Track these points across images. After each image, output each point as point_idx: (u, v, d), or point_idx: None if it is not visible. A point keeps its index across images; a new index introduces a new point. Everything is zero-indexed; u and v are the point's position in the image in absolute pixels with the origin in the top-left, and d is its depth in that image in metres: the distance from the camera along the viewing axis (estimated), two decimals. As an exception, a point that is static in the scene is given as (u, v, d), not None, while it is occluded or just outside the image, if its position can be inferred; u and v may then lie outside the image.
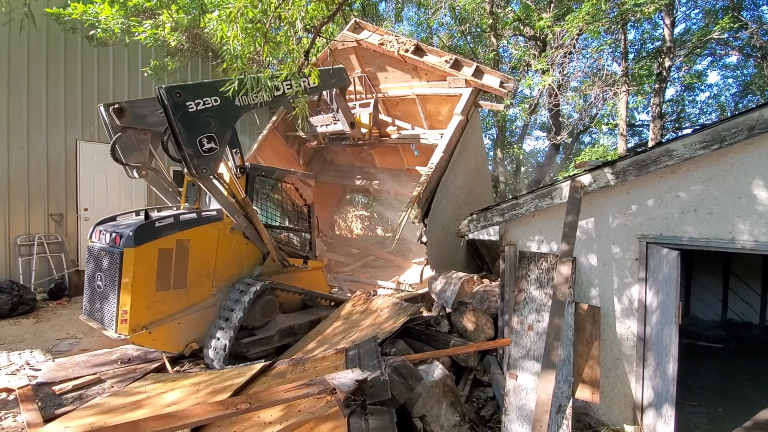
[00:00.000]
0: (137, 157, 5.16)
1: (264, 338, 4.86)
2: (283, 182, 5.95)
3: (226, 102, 4.55)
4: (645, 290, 3.69)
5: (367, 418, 2.64)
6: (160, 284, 4.38)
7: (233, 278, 5.06)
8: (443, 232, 6.37)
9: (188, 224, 4.65)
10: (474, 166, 7.72)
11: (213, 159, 4.42)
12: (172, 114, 4.16)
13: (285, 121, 9.10)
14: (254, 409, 2.62)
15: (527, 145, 21.32)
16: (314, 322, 5.41)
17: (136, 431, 2.24)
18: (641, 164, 3.57)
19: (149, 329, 4.30)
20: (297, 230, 6.10)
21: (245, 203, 4.93)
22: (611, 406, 3.87)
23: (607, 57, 11.08)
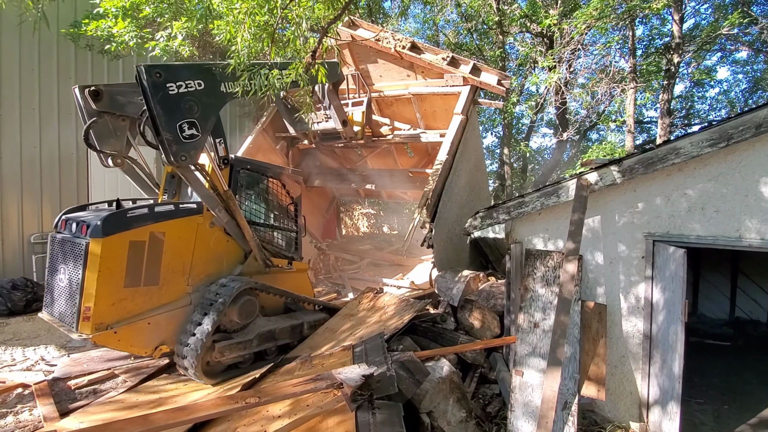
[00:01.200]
0: (113, 145, 4.84)
1: (241, 342, 4.51)
2: (269, 178, 5.61)
3: (211, 87, 4.30)
4: (651, 288, 3.70)
5: (375, 412, 2.69)
6: (129, 280, 4.01)
7: (211, 277, 4.70)
8: (449, 233, 6.38)
9: (164, 216, 4.30)
10: (474, 164, 7.70)
11: (194, 147, 4.13)
12: (150, 95, 3.89)
13: (273, 123, 8.89)
14: (263, 403, 2.68)
15: (534, 143, 21.23)
16: (296, 327, 5.14)
17: (147, 424, 2.31)
18: (648, 162, 3.57)
19: (114, 328, 3.91)
20: (282, 229, 5.78)
21: (227, 197, 4.64)
22: (617, 404, 3.88)
23: (614, 53, 11.00)
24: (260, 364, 4.61)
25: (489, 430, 3.70)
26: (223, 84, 4.40)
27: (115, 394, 4.16)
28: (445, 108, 8.25)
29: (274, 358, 4.79)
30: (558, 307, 3.66)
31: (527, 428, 3.50)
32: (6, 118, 7.54)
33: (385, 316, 4.90)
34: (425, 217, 5.79)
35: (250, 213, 5.33)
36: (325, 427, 2.67)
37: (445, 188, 6.20)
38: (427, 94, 8.07)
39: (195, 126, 4.14)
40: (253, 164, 5.47)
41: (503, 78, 7.21)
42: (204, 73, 4.27)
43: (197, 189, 4.37)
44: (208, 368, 4.31)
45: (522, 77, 13.84)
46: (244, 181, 5.26)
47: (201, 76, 4.22)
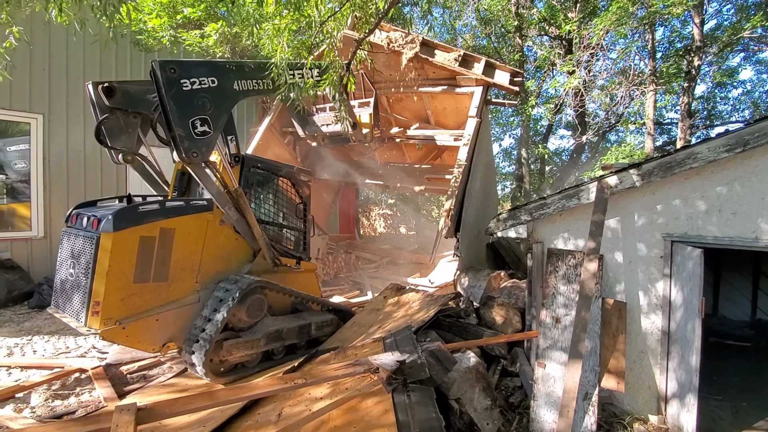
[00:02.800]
0: (124, 142, 4.87)
1: (249, 341, 4.49)
2: (279, 176, 5.60)
3: (224, 84, 4.32)
4: (670, 287, 3.87)
5: (410, 394, 2.94)
6: (138, 275, 3.99)
7: (220, 274, 4.67)
8: (469, 236, 6.46)
9: (174, 212, 4.29)
10: (486, 163, 7.68)
11: (205, 143, 4.13)
12: (164, 90, 3.88)
13: (280, 119, 8.92)
14: (309, 384, 2.96)
15: (552, 144, 21.20)
16: (304, 328, 5.11)
17: (212, 399, 2.61)
18: (666, 166, 3.75)
19: (123, 324, 3.90)
20: (291, 228, 5.76)
21: (238, 194, 4.63)
22: (636, 397, 4.05)
23: (634, 56, 11.03)
24: (267, 364, 4.71)
25: (512, 419, 3.92)
26: (236, 82, 4.44)
27: (164, 379, 4.51)
28: (455, 106, 8.23)
29: (281, 358, 4.86)
30: (579, 303, 3.86)
31: (549, 417, 3.71)
32: (54, 123, 8.07)
33: (411, 311, 5.15)
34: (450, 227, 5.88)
35: (260, 211, 5.34)
36: (364, 406, 2.93)
37: (466, 195, 6.29)
38: (437, 93, 7.98)
39: (207, 123, 4.13)
40: (263, 162, 5.45)
41: (515, 74, 7.06)
42: (218, 70, 4.29)
43: (208, 186, 4.36)
44: (216, 366, 4.33)
45: (540, 80, 13.93)
46: (254, 179, 5.24)
47: (215, 73, 4.23)
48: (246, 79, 4.54)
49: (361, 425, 2.72)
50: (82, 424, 2.24)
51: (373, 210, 19.32)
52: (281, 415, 3.08)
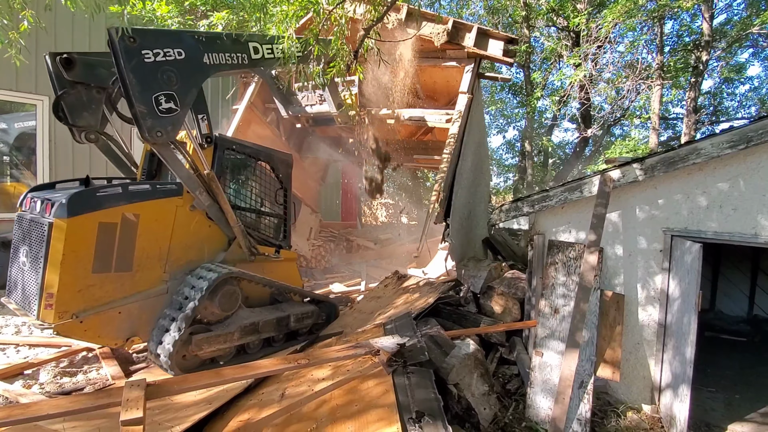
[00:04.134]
0: (87, 119, 4.50)
1: (222, 335, 4.22)
2: (256, 159, 5.25)
3: (193, 57, 3.97)
4: (668, 280, 3.93)
5: (409, 376, 3.03)
6: (98, 265, 3.71)
7: (191, 263, 4.40)
8: (460, 219, 6.16)
9: (139, 196, 3.99)
10: (478, 140, 7.26)
11: (171, 122, 3.80)
12: (123, 62, 3.53)
13: (261, 95, 8.36)
14: (312, 364, 3.05)
15: (556, 137, 21.14)
16: (282, 320, 4.85)
17: (218, 377, 2.69)
18: (669, 161, 3.78)
19: (80, 317, 3.63)
20: (270, 215, 5.42)
21: (209, 178, 4.33)
22: (630, 387, 4.14)
23: (641, 50, 10.95)
24: (242, 359, 4.50)
25: (509, 405, 4.02)
26: (207, 55, 4.10)
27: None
28: (446, 79, 7.76)
29: (257, 352, 4.66)
30: (578, 294, 3.93)
31: (545, 404, 3.80)
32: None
33: (412, 298, 5.24)
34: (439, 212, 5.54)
35: (235, 197, 5.02)
36: (365, 387, 3.02)
37: (456, 177, 5.89)
38: (426, 66, 7.39)
39: (173, 99, 3.79)
40: (239, 145, 5.10)
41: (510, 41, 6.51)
42: (186, 41, 3.92)
43: (176, 169, 4.07)
44: (185, 362, 4.05)
45: (546, 72, 13.85)
46: (228, 163, 4.91)
47: (182, 44, 3.89)
48: (218, 52, 4.20)
49: (362, 405, 2.80)
50: (94, 398, 2.32)
51: (375, 199, 19.39)
52: (284, 395, 3.17)
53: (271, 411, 2.95)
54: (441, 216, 5.47)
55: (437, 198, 5.55)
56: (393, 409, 2.67)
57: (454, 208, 5.68)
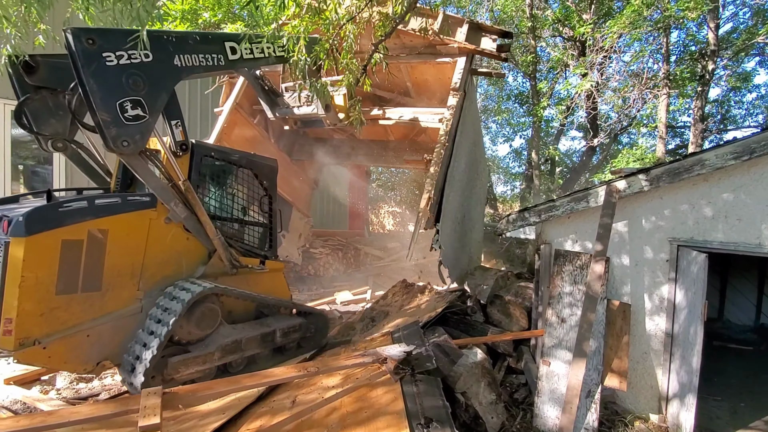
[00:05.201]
0: (54, 126, 4.20)
1: (200, 356, 3.92)
2: (237, 166, 4.92)
3: (162, 60, 3.69)
4: (675, 290, 3.95)
5: (417, 384, 3.08)
6: (62, 285, 3.45)
7: (168, 279, 4.12)
8: (452, 224, 5.78)
9: (107, 210, 3.71)
10: (472, 140, 6.90)
11: (140, 130, 3.54)
12: (81, 66, 3.25)
13: (248, 96, 7.82)
14: (322, 372, 3.11)
15: (563, 146, 21.17)
16: (268, 336, 4.56)
17: (233, 385, 2.77)
18: (675, 172, 3.83)
19: (43, 343, 3.34)
20: (253, 224, 5.12)
21: (185, 188, 4.06)
22: (638, 397, 4.15)
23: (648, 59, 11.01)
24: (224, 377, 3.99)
25: (516, 414, 4.04)
26: (178, 57, 3.81)
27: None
28: (438, 76, 7.30)
29: (241, 371, 4.38)
30: (585, 304, 3.97)
31: (552, 413, 3.83)
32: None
33: (420, 307, 5.29)
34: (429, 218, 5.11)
35: (215, 206, 4.73)
36: (374, 395, 3.08)
37: (447, 179, 5.50)
38: (417, 63, 6.91)
39: (141, 105, 3.53)
40: (218, 151, 4.77)
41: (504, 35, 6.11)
42: (153, 43, 3.59)
43: (147, 180, 3.81)
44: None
45: (552, 81, 13.94)
46: (207, 171, 4.60)
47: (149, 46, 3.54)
48: (191, 54, 3.89)
49: (371, 412, 2.86)
50: (113, 406, 2.41)
51: (382, 207, 19.50)
52: (295, 402, 3.23)
53: (282, 418, 3.01)
54: (431, 221, 5.09)
55: (427, 202, 5.12)
56: (402, 416, 2.73)
57: (445, 213, 5.32)
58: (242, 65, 4.58)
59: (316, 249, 10.68)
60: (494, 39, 6.14)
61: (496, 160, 23.80)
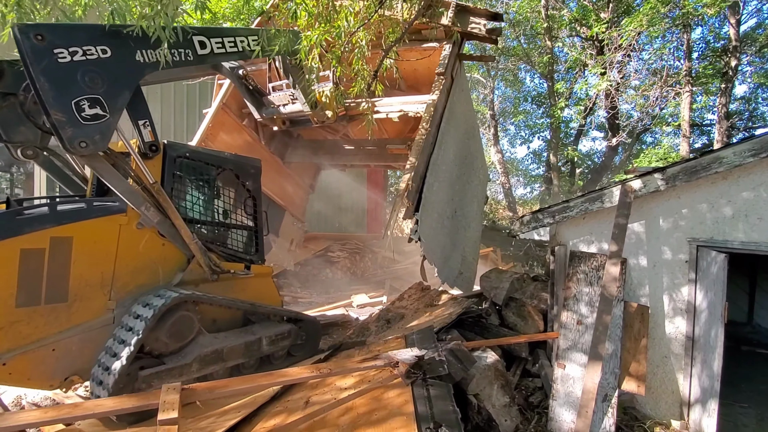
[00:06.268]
0: (24, 134, 4.01)
1: (176, 368, 3.67)
2: (217, 167, 4.66)
3: (121, 55, 3.49)
4: (695, 291, 3.85)
5: (428, 388, 3.10)
6: (23, 297, 3.27)
7: (143, 288, 3.91)
8: (439, 217, 5.44)
9: (71, 216, 3.55)
10: (464, 131, 6.56)
11: (99, 130, 3.36)
12: (29, 63, 3.09)
13: (236, 96, 7.42)
14: (335, 373, 3.17)
15: (584, 146, 20.79)
16: (252, 344, 4.30)
17: (248, 383, 2.86)
18: (692, 170, 3.75)
19: (3, 359, 3.19)
20: (237, 227, 4.87)
21: (157, 191, 3.86)
22: (658, 402, 4.05)
23: (668, 56, 10.72)
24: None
25: (531, 418, 4.00)
26: (140, 52, 3.60)
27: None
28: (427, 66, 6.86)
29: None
30: (600, 306, 3.90)
31: (568, 416, 3.77)
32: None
33: (435, 311, 5.29)
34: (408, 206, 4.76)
35: (192, 210, 4.46)
36: (386, 397, 3.11)
37: (430, 167, 5.11)
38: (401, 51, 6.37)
39: (100, 103, 3.35)
40: (193, 152, 4.51)
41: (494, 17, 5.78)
42: (111, 37, 3.42)
43: (112, 183, 3.61)
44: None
45: (570, 81, 13.75)
46: (182, 172, 4.37)
47: (106, 41, 3.40)
48: (155, 49, 3.68)
49: (382, 413, 2.89)
50: (135, 400, 2.53)
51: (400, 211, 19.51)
52: (309, 402, 3.29)
53: (296, 417, 3.08)
54: (410, 210, 4.72)
55: (405, 189, 4.75)
56: (411, 419, 2.75)
57: (427, 202, 4.91)
58: (213, 60, 4.41)
59: (333, 252, 10.79)
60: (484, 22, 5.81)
61: (515, 163, 23.57)
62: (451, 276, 5.58)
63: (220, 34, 4.22)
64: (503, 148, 20.80)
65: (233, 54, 4.42)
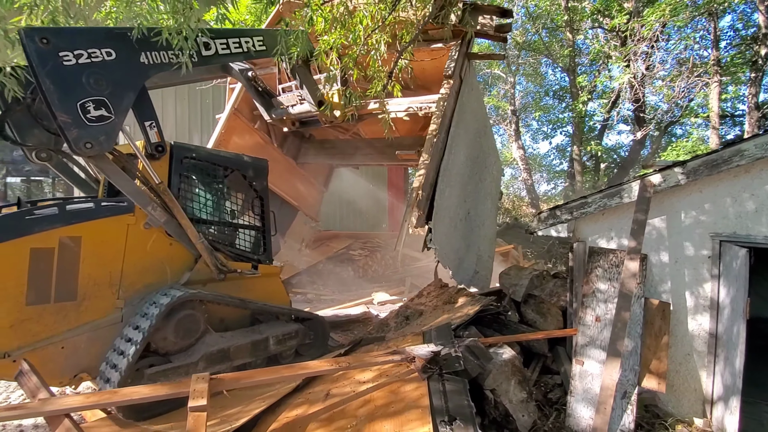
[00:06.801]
0: (38, 137, 4.10)
1: (182, 366, 3.74)
2: (224, 167, 4.71)
3: (126, 57, 3.56)
4: (718, 288, 3.79)
5: (444, 383, 3.18)
6: (33, 296, 3.36)
7: (150, 287, 3.97)
8: (452, 220, 5.38)
9: (80, 216, 3.62)
10: (475, 130, 6.47)
11: (104, 131, 3.44)
12: (35, 66, 3.16)
13: (247, 100, 7.50)
14: (353, 367, 3.29)
15: (609, 140, 20.27)
16: (259, 343, 4.36)
17: (273, 374, 3.02)
18: (713, 164, 3.69)
19: (13, 356, 3.24)
20: (244, 227, 4.91)
21: (163, 191, 3.94)
22: (681, 400, 4.00)
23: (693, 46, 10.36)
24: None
25: (549, 414, 4.02)
26: (144, 54, 3.67)
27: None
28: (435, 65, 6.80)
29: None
30: (618, 302, 3.88)
31: (586, 413, 3.78)
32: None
33: (453, 308, 5.35)
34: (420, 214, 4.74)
35: (200, 209, 4.52)
36: (403, 391, 3.21)
37: (441, 173, 5.07)
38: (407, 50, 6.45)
39: (105, 105, 3.42)
40: (200, 152, 4.57)
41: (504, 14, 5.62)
42: (115, 39, 3.50)
43: (119, 183, 3.69)
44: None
45: (593, 74, 13.46)
46: (189, 172, 4.43)
47: (111, 43, 3.47)
48: (159, 50, 3.73)
49: (399, 406, 2.99)
50: (167, 388, 2.71)
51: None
52: (329, 395, 3.43)
53: (316, 408, 3.22)
54: (422, 219, 4.71)
55: (416, 199, 4.73)
56: (426, 412, 2.84)
57: (439, 209, 4.92)
58: (218, 61, 4.44)
59: (354, 251, 10.95)
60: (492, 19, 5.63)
61: (538, 159, 23.20)
62: (466, 277, 5.58)
63: (225, 35, 4.27)
64: (525, 143, 20.54)
65: (238, 55, 4.46)
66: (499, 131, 20.62)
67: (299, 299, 9.04)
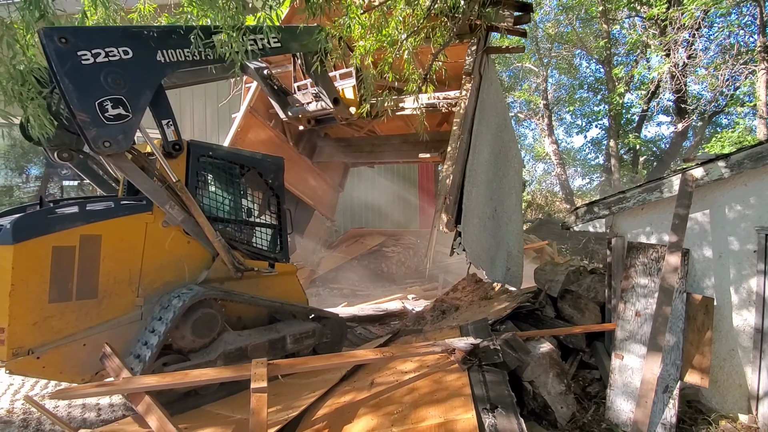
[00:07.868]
0: (59, 137, 4.11)
1: (200, 364, 3.77)
2: (240, 165, 4.72)
3: (143, 56, 3.60)
4: (764, 282, 3.73)
5: (484, 374, 3.31)
6: (55, 293, 3.39)
7: (169, 285, 4.00)
8: (480, 221, 5.36)
9: (99, 215, 3.65)
10: (496, 125, 6.38)
11: (123, 130, 3.47)
12: (55, 65, 3.20)
13: (263, 99, 7.48)
14: (397, 357, 3.48)
15: (649, 132, 19.55)
16: (277, 342, 4.37)
17: (323, 362, 3.25)
18: (757, 157, 3.63)
19: (37, 353, 3.28)
20: (260, 225, 4.93)
21: (180, 189, 3.96)
22: (725, 396, 3.96)
23: (738, 32, 9.87)
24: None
25: (588, 407, 4.07)
26: (161, 52, 3.71)
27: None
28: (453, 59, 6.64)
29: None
30: (659, 297, 3.88)
31: (626, 406, 3.81)
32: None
33: (489, 303, 5.45)
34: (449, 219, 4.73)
35: (216, 208, 4.53)
36: (445, 380, 3.37)
37: (467, 174, 5.02)
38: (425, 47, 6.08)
39: (122, 104, 3.45)
40: (216, 150, 4.60)
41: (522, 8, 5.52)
42: (132, 38, 3.54)
43: (137, 181, 3.73)
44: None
45: (631, 65, 13.07)
46: (206, 170, 4.46)
47: (128, 42, 3.51)
48: (175, 48, 3.77)
49: (443, 394, 3.15)
50: (231, 371, 2.99)
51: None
52: (373, 383, 3.63)
53: (363, 396, 3.42)
54: (451, 223, 4.70)
55: (444, 202, 4.74)
56: (469, 400, 2.99)
57: (468, 211, 4.89)
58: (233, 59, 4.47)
59: (388, 248, 11.16)
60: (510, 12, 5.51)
61: (572, 153, 22.65)
62: (500, 274, 5.64)
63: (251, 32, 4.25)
64: (558, 138, 20.11)
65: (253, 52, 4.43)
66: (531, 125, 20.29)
67: (335, 294, 9.35)
